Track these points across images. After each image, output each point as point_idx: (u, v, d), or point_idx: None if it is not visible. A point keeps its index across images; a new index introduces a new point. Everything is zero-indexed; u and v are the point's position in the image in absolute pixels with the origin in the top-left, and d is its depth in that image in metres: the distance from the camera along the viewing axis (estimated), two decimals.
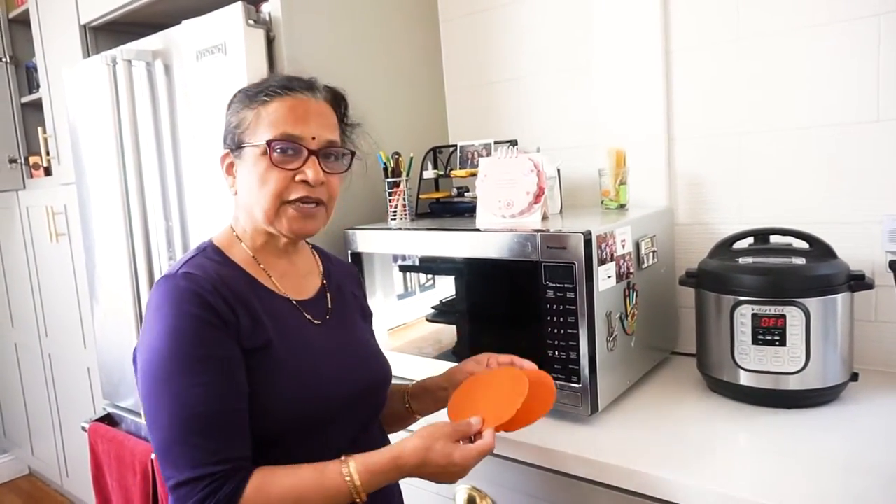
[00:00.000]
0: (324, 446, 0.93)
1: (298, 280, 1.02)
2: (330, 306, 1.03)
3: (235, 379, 0.85)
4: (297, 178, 0.92)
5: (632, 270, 1.30)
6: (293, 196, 0.92)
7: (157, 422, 0.82)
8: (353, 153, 1.00)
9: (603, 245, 1.19)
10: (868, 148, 1.33)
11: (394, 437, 1.12)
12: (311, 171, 0.91)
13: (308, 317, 0.99)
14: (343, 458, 0.86)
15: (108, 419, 2.00)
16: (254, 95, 0.94)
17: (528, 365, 1.05)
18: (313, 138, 0.92)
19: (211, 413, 0.81)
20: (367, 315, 1.15)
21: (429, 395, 1.11)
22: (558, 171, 1.54)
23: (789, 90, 1.40)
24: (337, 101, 1.01)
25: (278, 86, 0.94)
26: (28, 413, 3.09)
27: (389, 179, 1.61)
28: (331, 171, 0.95)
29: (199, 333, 0.83)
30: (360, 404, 0.99)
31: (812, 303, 1.15)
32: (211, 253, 0.95)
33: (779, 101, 1.42)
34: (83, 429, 1.97)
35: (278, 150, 0.91)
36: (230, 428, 0.83)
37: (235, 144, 0.95)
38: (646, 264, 1.36)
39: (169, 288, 0.86)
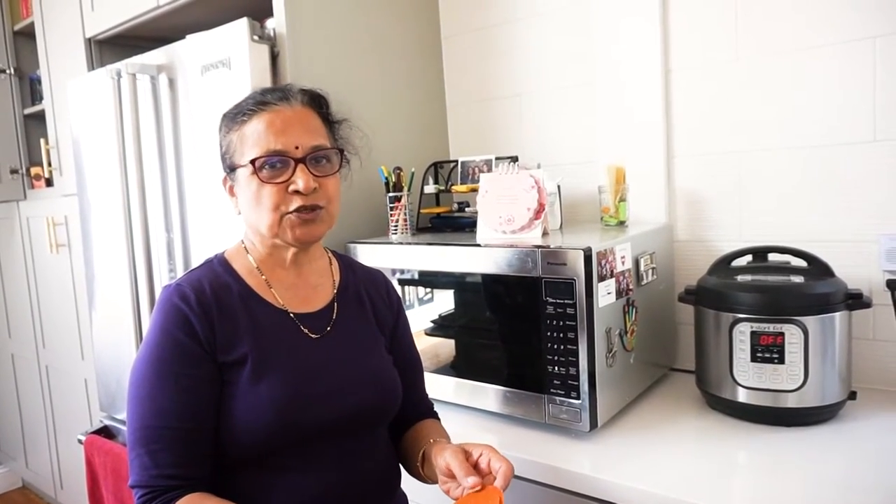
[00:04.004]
0: (309, 465, 0.92)
1: (306, 292, 1.02)
2: (335, 318, 1.02)
3: (195, 399, 0.88)
4: (290, 189, 0.92)
5: (631, 287, 1.30)
6: (291, 207, 0.93)
7: (127, 424, 0.90)
8: (341, 151, 0.99)
9: (603, 261, 1.19)
10: (865, 167, 1.34)
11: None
12: (301, 181, 0.91)
13: (305, 330, 0.98)
14: None
15: (105, 431, 1.99)
16: (234, 117, 0.96)
17: (500, 474, 0.87)
18: (297, 147, 0.92)
19: (156, 428, 0.87)
20: (385, 327, 1.09)
21: (429, 465, 0.99)
22: (558, 187, 1.55)
23: (787, 110, 1.42)
24: (316, 101, 0.99)
25: (253, 103, 0.94)
26: (23, 425, 3.07)
27: (391, 194, 1.62)
28: (323, 174, 0.95)
29: (170, 350, 0.89)
30: (347, 426, 0.96)
31: (810, 321, 1.16)
32: (216, 264, 1.00)
33: (777, 121, 1.44)
34: (79, 441, 1.95)
35: (266, 167, 0.92)
36: (174, 445, 0.87)
37: (229, 168, 0.98)
38: (645, 281, 1.37)
39: (162, 300, 0.93)
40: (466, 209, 1.70)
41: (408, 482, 1.09)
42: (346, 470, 0.95)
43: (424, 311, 1.46)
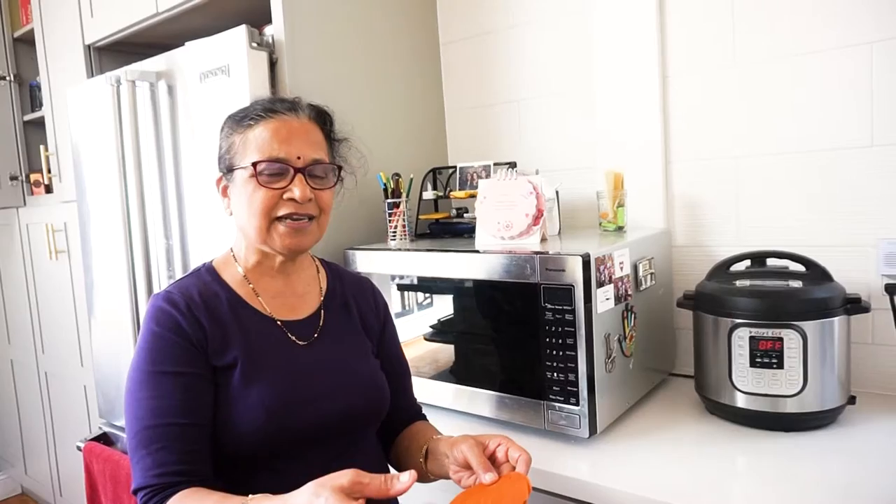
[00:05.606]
0: (299, 468, 0.92)
1: (293, 299, 1.03)
2: (322, 325, 1.03)
3: (193, 395, 0.89)
4: (285, 196, 0.94)
5: (630, 292, 1.30)
6: (282, 213, 0.95)
7: (126, 431, 0.90)
8: (339, 167, 1.02)
9: (601, 267, 1.20)
10: (863, 172, 1.34)
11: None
12: (297, 190, 0.94)
13: (292, 338, 0.99)
14: (249, 496, 0.81)
15: (104, 438, 1.99)
16: (240, 120, 0.98)
17: (522, 462, 0.91)
18: (298, 158, 0.95)
19: (158, 427, 0.87)
20: (371, 332, 1.10)
21: (434, 460, 1.00)
22: (557, 193, 1.56)
23: (785, 115, 1.42)
24: (322, 118, 1.02)
25: (262, 109, 0.97)
26: (23, 431, 3.06)
27: (389, 200, 1.62)
28: (319, 187, 0.97)
29: (164, 351, 0.90)
30: (337, 430, 0.97)
31: (809, 326, 1.16)
32: (204, 273, 1.01)
33: (775, 126, 1.44)
34: (78, 448, 1.95)
35: (265, 172, 0.94)
36: (176, 443, 0.87)
37: (227, 168, 0.99)
38: (644, 286, 1.37)
39: (150, 307, 0.95)
40: (465, 215, 1.70)
41: None
42: (335, 472, 0.95)
43: (423, 317, 1.46)
